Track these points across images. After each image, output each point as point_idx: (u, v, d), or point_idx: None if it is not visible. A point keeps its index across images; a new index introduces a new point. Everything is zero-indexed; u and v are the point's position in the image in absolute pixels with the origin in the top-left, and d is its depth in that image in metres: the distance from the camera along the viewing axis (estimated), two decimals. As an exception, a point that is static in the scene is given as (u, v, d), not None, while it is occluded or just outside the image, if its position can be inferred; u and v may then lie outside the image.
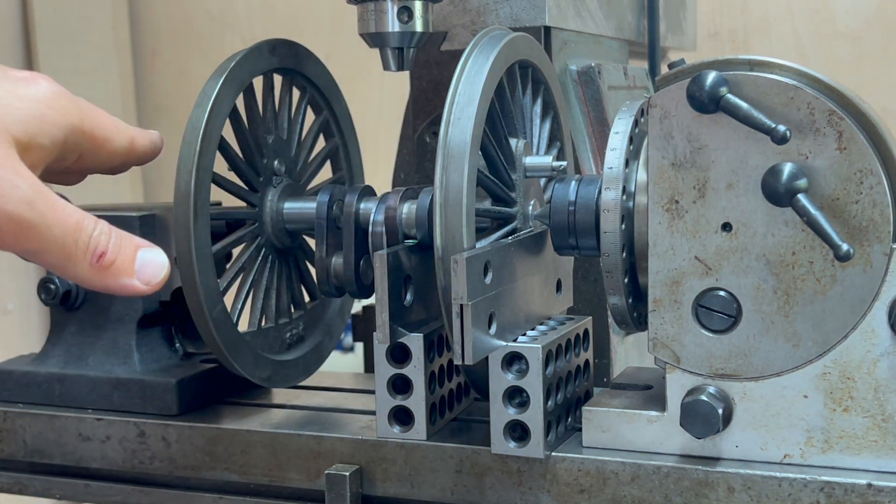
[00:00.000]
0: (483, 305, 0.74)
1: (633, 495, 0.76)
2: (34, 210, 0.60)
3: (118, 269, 0.63)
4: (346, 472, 0.82)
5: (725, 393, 0.75)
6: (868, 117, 0.71)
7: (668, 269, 0.75)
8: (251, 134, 0.91)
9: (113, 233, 0.64)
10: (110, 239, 0.63)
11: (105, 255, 0.62)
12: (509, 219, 0.84)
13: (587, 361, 0.86)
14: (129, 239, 0.64)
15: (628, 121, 0.79)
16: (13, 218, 0.59)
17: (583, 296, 0.99)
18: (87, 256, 0.62)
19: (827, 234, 0.68)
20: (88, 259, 0.62)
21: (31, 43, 1.75)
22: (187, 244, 0.83)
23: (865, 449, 0.73)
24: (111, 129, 0.70)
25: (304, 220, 0.92)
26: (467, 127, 0.75)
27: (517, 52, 0.84)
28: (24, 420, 0.95)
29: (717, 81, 0.70)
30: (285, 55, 0.94)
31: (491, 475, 0.80)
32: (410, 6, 0.87)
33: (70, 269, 0.62)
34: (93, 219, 0.64)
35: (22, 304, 1.87)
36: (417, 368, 0.80)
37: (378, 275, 0.77)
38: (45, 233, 0.60)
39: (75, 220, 0.62)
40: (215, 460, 0.89)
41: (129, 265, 0.63)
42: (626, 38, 1.17)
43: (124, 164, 0.74)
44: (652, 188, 0.75)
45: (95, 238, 0.62)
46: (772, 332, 0.73)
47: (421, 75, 1.04)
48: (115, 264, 0.63)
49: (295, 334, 0.97)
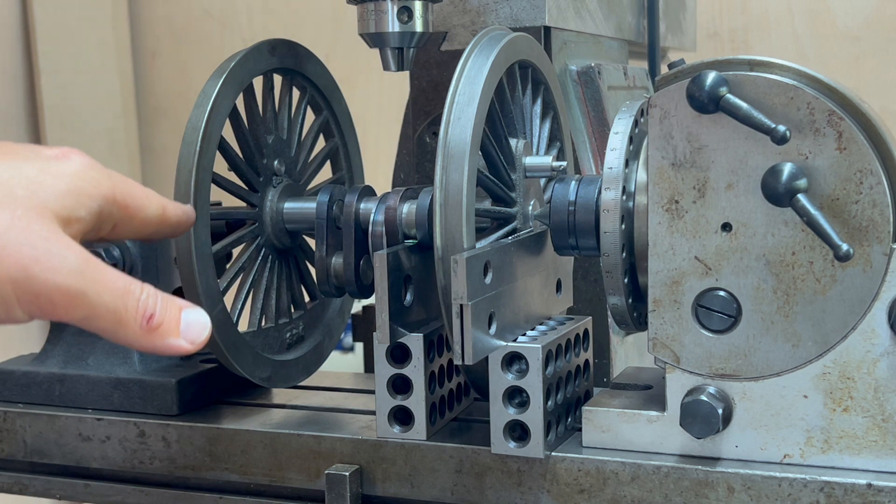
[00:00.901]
0: (483, 305, 0.74)
1: (633, 495, 0.76)
2: (84, 279, 0.63)
3: (166, 330, 0.65)
4: (346, 472, 0.82)
5: (725, 393, 0.75)
6: (868, 117, 0.71)
7: (667, 269, 0.75)
8: (251, 134, 0.91)
9: (159, 295, 0.66)
10: (157, 301, 0.65)
11: (154, 316, 0.65)
12: (509, 219, 0.84)
13: (587, 361, 0.86)
14: (172, 300, 0.67)
15: (628, 121, 0.79)
16: (64, 289, 0.62)
17: (583, 296, 0.99)
18: (137, 320, 0.64)
19: (827, 234, 0.68)
20: (139, 322, 0.64)
21: (31, 43, 1.75)
22: (187, 244, 0.83)
23: (865, 449, 0.73)
24: (143, 199, 0.72)
25: (304, 220, 0.92)
26: (467, 127, 0.75)
27: (517, 52, 0.84)
28: (24, 420, 0.95)
29: (717, 81, 0.70)
30: (285, 55, 0.94)
31: (491, 475, 0.80)
32: (410, 6, 0.87)
33: (122, 332, 0.64)
34: (138, 283, 0.66)
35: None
36: (417, 368, 0.80)
37: (378, 275, 0.77)
38: (96, 300, 0.63)
39: (123, 284, 0.65)
40: (215, 460, 0.89)
41: (176, 326, 0.66)
42: (626, 38, 1.17)
43: (156, 233, 0.76)
44: (652, 188, 0.75)
45: (144, 301, 0.65)
46: (772, 332, 0.73)
47: (421, 75, 1.04)
48: (163, 326, 0.65)
49: (295, 334, 0.97)
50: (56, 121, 1.75)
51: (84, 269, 0.63)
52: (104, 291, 0.63)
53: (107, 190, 0.68)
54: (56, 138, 1.75)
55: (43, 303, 0.62)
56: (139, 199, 0.72)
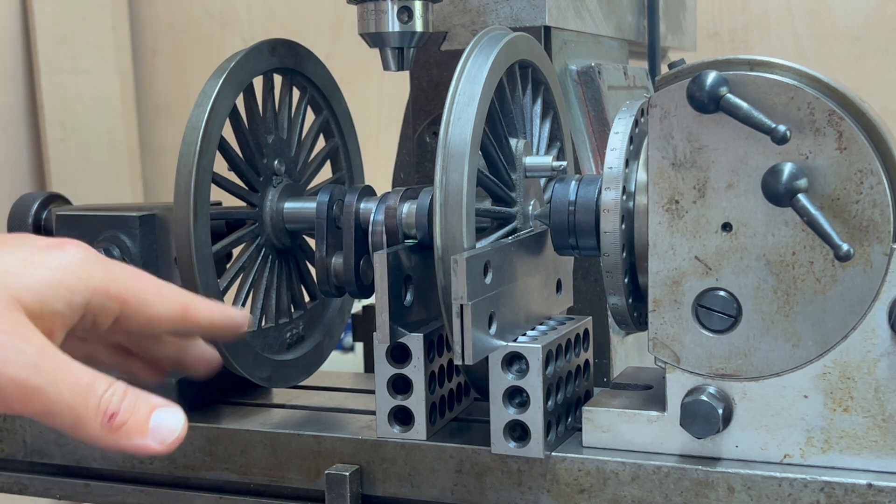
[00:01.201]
0: (483, 305, 0.74)
1: (633, 495, 0.76)
2: (40, 374, 0.61)
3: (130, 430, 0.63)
4: (346, 472, 0.82)
5: (725, 393, 0.75)
6: (868, 117, 0.71)
7: (668, 269, 0.75)
8: (251, 134, 0.91)
9: (128, 393, 0.63)
10: (123, 399, 0.63)
11: (116, 415, 0.62)
12: (509, 219, 0.84)
13: (587, 361, 0.86)
14: (144, 399, 0.64)
15: (628, 121, 0.79)
16: (17, 382, 0.60)
17: (583, 296, 0.99)
18: (97, 417, 0.62)
19: (827, 234, 0.68)
20: (99, 420, 0.62)
21: (31, 43, 1.75)
22: (187, 244, 0.83)
23: (865, 449, 0.73)
24: (150, 294, 0.69)
25: (304, 220, 0.92)
26: (467, 127, 0.75)
27: (517, 52, 0.84)
28: (24, 420, 0.95)
29: (717, 81, 0.70)
30: (285, 55, 0.94)
31: (491, 475, 0.80)
32: (410, 6, 0.87)
33: (81, 430, 0.62)
34: (107, 380, 0.64)
35: (22, 304, 1.86)
36: (417, 368, 0.80)
37: (378, 275, 0.77)
38: (54, 396, 0.61)
39: (85, 382, 0.63)
40: (215, 460, 0.88)
41: (143, 425, 0.63)
42: (626, 38, 1.17)
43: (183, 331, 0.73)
44: (652, 188, 0.75)
45: (107, 399, 0.62)
46: (772, 332, 0.73)
47: (421, 75, 1.04)
48: (127, 425, 0.62)
49: (295, 334, 0.97)
50: (56, 121, 1.75)
51: (41, 363, 0.61)
52: (63, 387, 0.61)
53: (98, 283, 0.65)
54: (56, 138, 1.75)
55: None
56: (144, 294, 0.68)
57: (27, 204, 1.03)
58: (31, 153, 1.76)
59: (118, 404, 0.62)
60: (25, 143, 1.75)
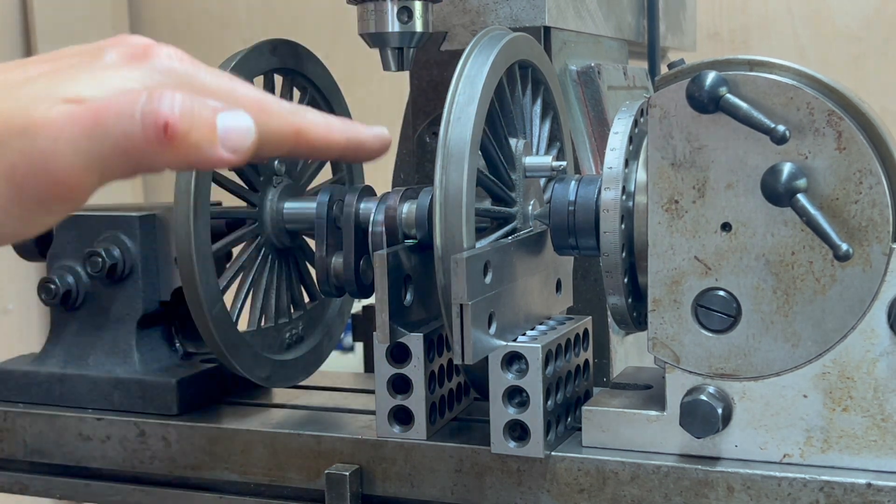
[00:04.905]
0: (483, 305, 0.74)
1: (633, 495, 0.76)
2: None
3: (196, 140, 0.51)
4: (346, 472, 0.82)
5: (725, 393, 0.75)
6: (867, 117, 0.71)
7: (667, 268, 0.75)
8: (251, 134, 0.91)
9: (177, 95, 0.51)
10: (174, 103, 0.50)
11: (171, 124, 0.50)
12: (509, 219, 0.84)
13: (587, 361, 0.86)
14: (201, 101, 0.52)
15: (628, 121, 0.79)
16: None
17: (583, 296, 0.99)
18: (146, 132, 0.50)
19: (826, 234, 0.68)
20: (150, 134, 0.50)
21: (31, 43, 1.75)
22: (187, 244, 0.83)
23: (865, 449, 0.73)
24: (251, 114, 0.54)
25: (304, 220, 0.92)
26: (467, 127, 0.75)
27: (517, 52, 0.84)
28: (24, 420, 0.95)
29: (717, 81, 0.71)
30: (286, 55, 0.94)
31: (491, 475, 0.80)
32: (410, 6, 0.87)
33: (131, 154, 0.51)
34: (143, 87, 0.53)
35: (22, 304, 1.87)
36: (417, 368, 0.80)
37: (378, 275, 0.77)
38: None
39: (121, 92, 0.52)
40: (215, 460, 0.89)
41: (211, 131, 0.51)
42: (626, 38, 1.17)
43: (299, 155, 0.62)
44: (651, 188, 0.75)
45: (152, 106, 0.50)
46: (771, 332, 0.74)
47: (421, 75, 1.04)
48: (191, 134, 0.50)
49: (294, 334, 0.97)
50: (56, 121, 1.75)
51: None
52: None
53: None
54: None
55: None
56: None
57: (27, 204, 1.03)
58: (31, 153, 1.76)
59: (168, 110, 0.50)
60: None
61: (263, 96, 0.57)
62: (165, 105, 0.50)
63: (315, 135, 0.58)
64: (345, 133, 0.59)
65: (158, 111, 0.50)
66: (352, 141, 0.60)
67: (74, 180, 0.50)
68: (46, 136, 0.49)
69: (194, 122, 0.51)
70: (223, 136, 0.52)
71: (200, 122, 0.51)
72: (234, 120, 0.52)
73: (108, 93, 0.51)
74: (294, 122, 0.57)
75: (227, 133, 0.52)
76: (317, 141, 0.58)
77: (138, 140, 0.50)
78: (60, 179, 0.50)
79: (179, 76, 0.54)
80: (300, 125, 0.57)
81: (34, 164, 0.49)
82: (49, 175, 0.50)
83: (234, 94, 0.56)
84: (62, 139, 0.49)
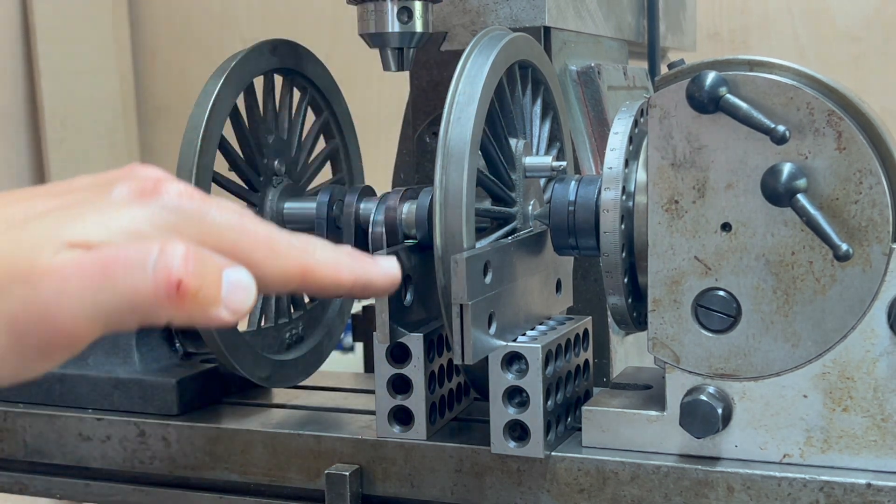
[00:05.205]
0: (483, 305, 0.74)
1: (633, 495, 0.76)
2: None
3: (203, 299, 0.50)
4: (346, 472, 0.82)
5: (725, 393, 0.75)
6: (867, 117, 0.71)
7: (667, 268, 0.75)
8: (252, 134, 0.91)
9: (190, 251, 0.50)
10: (188, 260, 0.50)
11: (183, 281, 0.49)
12: (509, 219, 0.84)
13: (587, 361, 0.86)
14: (210, 257, 0.51)
15: (628, 121, 0.79)
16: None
17: (583, 296, 0.99)
18: (158, 289, 0.49)
19: (826, 234, 0.68)
20: (161, 291, 0.49)
21: (31, 43, 1.75)
22: (187, 244, 0.83)
23: (865, 449, 0.73)
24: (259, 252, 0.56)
25: (304, 220, 0.92)
26: (467, 127, 0.75)
27: (517, 52, 0.84)
28: (24, 420, 0.95)
29: (717, 82, 0.71)
30: (286, 55, 0.94)
31: (491, 475, 0.80)
32: (410, 6, 0.87)
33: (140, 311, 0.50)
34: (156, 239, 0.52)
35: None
36: (417, 368, 0.80)
37: (378, 275, 0.77)
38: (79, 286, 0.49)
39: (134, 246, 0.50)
40: (215, 460, 0.89)
41: (216, 290, 0.51)
42: (626, 38, 1.17)
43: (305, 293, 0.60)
44: (651, 188, 0.75)
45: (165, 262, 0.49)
46: (771, 332, 0.74)
47: (421, 75, 1.04)
48: (201, 292, 0.50)
49: (294, 334, 0.97)
50: (56, 121, 1.76)
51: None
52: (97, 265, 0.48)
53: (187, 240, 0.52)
54: (56, 138, 1.75)
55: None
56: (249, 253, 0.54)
57: (27, 204, 1.03)
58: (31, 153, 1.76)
59: (182, 267, 0.49)
60: (25, 143, 1.75)
61: (272, 234, 0.55)
62: (178, 261, 0.48)
63: (322, 274, 0.57)
64: (353, 272, 0.58)
65: (171, 267, 0.48)
66: (359, 280, 0.59)
67: (77, 331, 0.48)
68: (50, 286, 0.47)
69: (203, 281, 0.49)
70: (226, 296, 0.51)
71: (209, 281, 0.50)
72: (237, 279, 0.51)
73: (115, 235, 0.50)
74: (302, 261, 0.56)
75: (230, 293, 0.51)
76: (324, 280, 0.57)
77: (148, 295, 0.48)
78: (63, 330, 0.48)
79: (188, 215, 0.53)
80: (308, 265, 0.56)
81: (36, 315, 0.48)
82: (51, 326, 0.48)
83: (244, 233, 0.54)
84: (67, 290, 0.48)
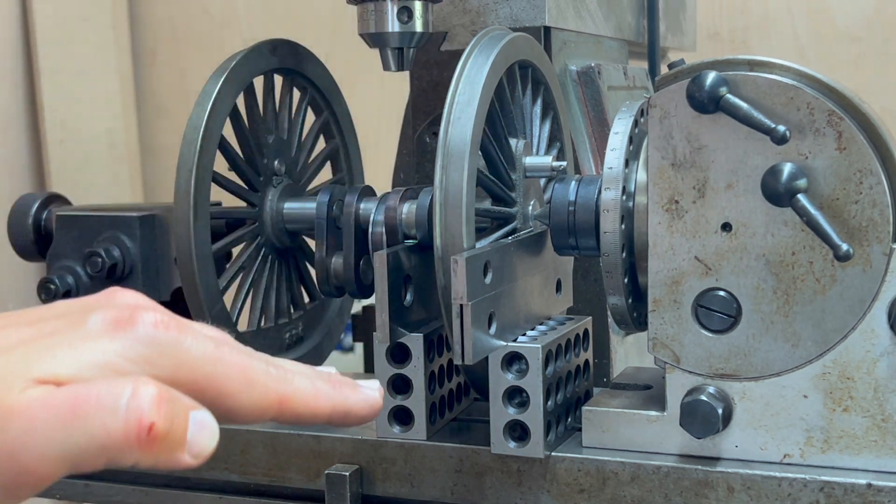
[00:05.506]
0: (483, 305, 0.74)
1: (633, 495, 0.76)
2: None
3: (169, 443, 0.49)
4: (346, 472, 0.82)
5: (725, 393, 0.75)
6: (868, 117, 0.71)
7: (667, 269, 0.75)
8: (252, 134, 0.91)
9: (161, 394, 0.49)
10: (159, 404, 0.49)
11: (154, 426, 0.48)
12: (509, 219, 0.84)
13: (587, 361, 0.86)
14: (179, 399, 0.50)
15: (628, 121, 0.79)
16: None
17: (583, 296, 0.99)
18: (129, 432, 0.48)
19: (826, 234, 0.68)
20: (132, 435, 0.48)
21: (31, 43, 1.75)
22: (187, 244, 0.83)
23: (865, 449, 0.73)
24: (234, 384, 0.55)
25: (304, 220, 0.92)
26: (467, 127, 0.75)
27: (517, 52, 0.84)
28: (24, 420, 0.94)
29: (717, 81, 0.71)
30: (286, 55, 0.94)
31: (491, 475, 0.80)
32: (410, 6, 0.87)
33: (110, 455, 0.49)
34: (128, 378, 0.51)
35: (22, 305, 1.86)
36: (417, 368, 0.80)
37: (378, 275, 0.77)
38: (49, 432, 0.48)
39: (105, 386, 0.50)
40: (215, 460, 0.89)
41: (182, 434, 0.50)
42: (626, 38, 1.17)
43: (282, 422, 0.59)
44: (652, 188, 0.75)
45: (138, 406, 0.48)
46: (771, 332, 0.73)
47: (421, 75, 1.04)
48: (168, 436, 0.49)
49: (294, 334, 0.97)
50: (56, 121, 1.75)
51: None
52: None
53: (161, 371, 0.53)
54: (56, 139, 1.75)
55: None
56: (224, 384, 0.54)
57: (27, 204, 1.03)
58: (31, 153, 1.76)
59: (154, 410, 0.48)
60: (25, 143, 1.75)
61: (249, 362, 0.54)
62: (150, 404, 0.48)
63: (299, 404, 0.56)
64: (331, 400, 0.57)
65: (143, 410, 0.48)
66: (338, 409, 0.57)
67: (44, 471, 0.47)
68: (18, 426, 0.46)
69: (172, 425, 0.49)
70: (191, 440, 0.50)
71: (176, 426, 0.49)
72: (201, 423, 0.51)
73: (86, 370, 0.49)
74: (279, 391, 0.55)
75: (194, 437, 0.50)
76: (301, 409, 0.56)
77: (118, 436, 0.48)
78: (29, 470, 0.47)
79: (163, 347, 0.52)
80: (284, 395, 0.55)
81: (4, 455, 0.46)
82: (17, 466, 0.47)
83: (219, 364, 0.53)
84: (35, 429, 0.47)
